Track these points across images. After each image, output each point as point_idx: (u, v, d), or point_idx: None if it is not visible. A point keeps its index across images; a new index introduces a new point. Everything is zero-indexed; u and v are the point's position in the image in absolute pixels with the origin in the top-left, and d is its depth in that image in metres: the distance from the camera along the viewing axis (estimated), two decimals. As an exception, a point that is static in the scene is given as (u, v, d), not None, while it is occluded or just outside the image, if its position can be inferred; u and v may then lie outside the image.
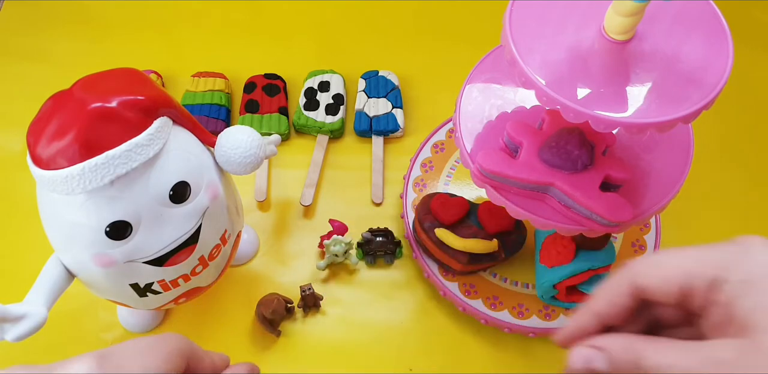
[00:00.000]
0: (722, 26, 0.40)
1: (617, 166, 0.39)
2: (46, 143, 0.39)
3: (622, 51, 0.40)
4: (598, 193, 0.37)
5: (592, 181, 0.38)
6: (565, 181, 0.37)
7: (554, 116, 0.39)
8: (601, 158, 0.39)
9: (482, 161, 0.38)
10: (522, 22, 0.40)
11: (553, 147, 0.38)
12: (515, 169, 0.38)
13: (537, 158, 0.38)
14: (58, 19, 0.77)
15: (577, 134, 0.38)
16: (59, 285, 0.44)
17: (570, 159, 0.37)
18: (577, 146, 0.38)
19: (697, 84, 0.38)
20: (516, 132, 0.41)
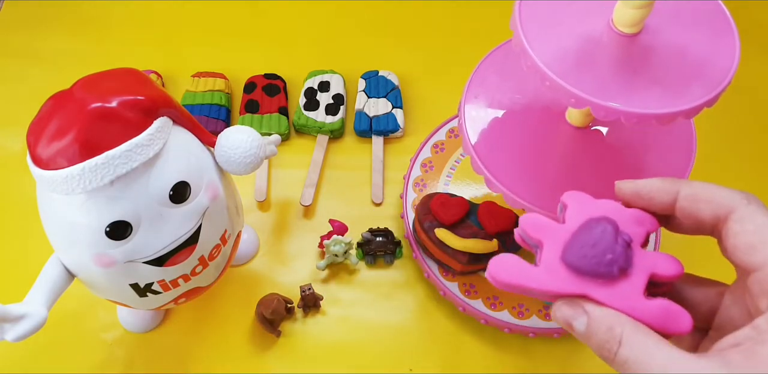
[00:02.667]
0: (730, 25, 0.41)
1: (663, 262, 0.30)
2: (46, 143, 0.39)
3: (630, 44, 0.40)
4: (644, 302, 0.29)
5: (633, 287, 0.29)
6: (600, 291, 0.29)
7: (576, 202, 0.32)
8: (642, 253, 0.30)
9: (494, 271, 0.30)
10: (532, 11, 0.40)
11: (580, 249, 0.30)
12: (535, 279, 0.30)
13: (561, 262, 0.30)
14: (58, 19, 0.77)
15: (609, 230, 0.30)
16: (59, 285, 0.44)
17: (603, 264, 0.29)
18: (610, 247, 0.30)
19: (702, 80, 0.38)
20: (533, 228, 0.32)
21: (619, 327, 0.27)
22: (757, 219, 0.27)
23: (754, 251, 0.26)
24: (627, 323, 0.27)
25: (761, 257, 0.26)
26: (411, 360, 0.57)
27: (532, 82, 0.39)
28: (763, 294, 0.26)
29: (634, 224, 0.31)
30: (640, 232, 0.31)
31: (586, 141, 0.49)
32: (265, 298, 0.56)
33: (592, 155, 0.48)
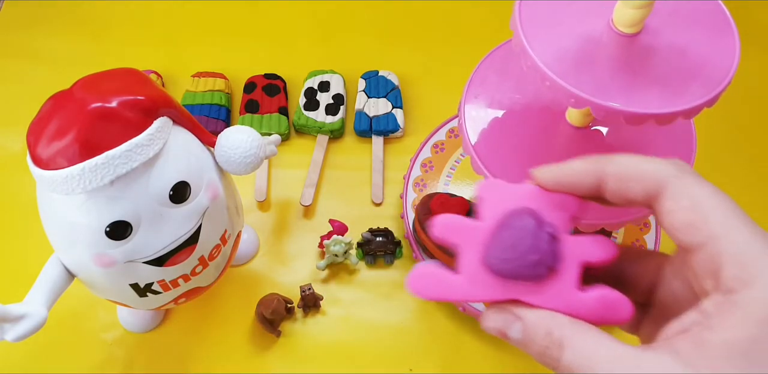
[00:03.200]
0: (730, 25, 0.41)
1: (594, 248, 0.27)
2: (46, 143, 0.39)
3: (630, 44, 0.40)
4: (580, 297, 0.26)
5: (566, 283, 0.27)
6: (531, 293, 0.26)
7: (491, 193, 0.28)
8: (569, 242, 0.27)
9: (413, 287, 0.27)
10: (532, 11, 0.40)
11: (502, 252, 0.27)
12: (458, 290, 0.27)
13: (483, 268, 0.27)
14: (58, 19, 0.77)
15: (530, 226, 0.26)
16: (59, 285, 0.44)
17: (528, 266, 0.26)
18: (533, 246, 0.26)
19: (702, 81, 0.38)
20: (446, 232, 0.28)
21: (557, 330, 0.25)
22: (693, 193, 0.24)
23: (694, 230, 0.24)
24: (566, 324, 0.25)
25: (702, 235, 0.23)
26: (411, 360, 0.57)
27: (532, 82, 0.39)
28: (707, 274, 0.23)
29: (557, 209, 0.27)
30: (565, 217, 0.27)
31: (586, 141, 0.49)
32: (265, 298, 0.56)
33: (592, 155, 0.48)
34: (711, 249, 0.23)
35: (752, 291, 0.22)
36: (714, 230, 0.23)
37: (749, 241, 0.23)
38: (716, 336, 0.22)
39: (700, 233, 0.23)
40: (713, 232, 0.23)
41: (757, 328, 0.21)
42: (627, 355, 0.23)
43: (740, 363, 0.21)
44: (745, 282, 0.22)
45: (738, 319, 0.22)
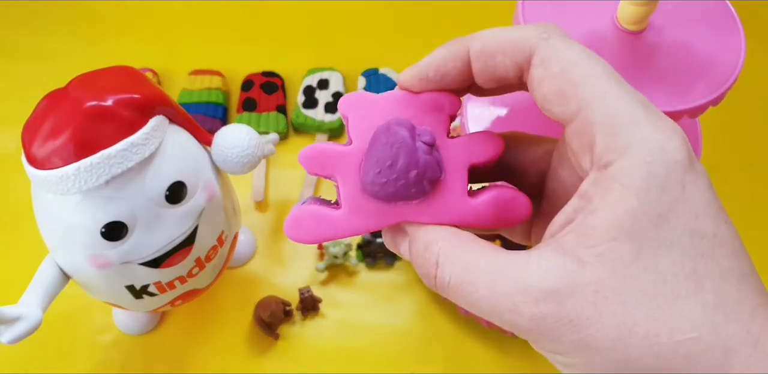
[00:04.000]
0: (735, 23, 0.40)
1: (478, 146, 0.24)
2: (41, 143, 0.38)
3: (634, 42, 0.40)
4: (471, 203, 0.24)
5: (454, 191, 0.24)
6: (419, 211, 0.24)
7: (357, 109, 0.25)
8: (451, 146, 0.24)
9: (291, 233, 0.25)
10: (535, 8, 0.40)
11: (378, 175, 0.24)
12: (341, 226, 0.24)
13: (363, 195, 0.24)
14: (53, 18, 0.77)
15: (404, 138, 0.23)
16: (54, 286, 0.44)
17: (409, 184, 0.23)
18: (411, 161, 0.23)
19: (707, 79, 0.38)
20: (315, 164, 0.25)
21: (435, 244, 0.22)
22: (563, 56, 0.21)
23: (565, 98, 0.21)
24: (443, 238, 0.23)
25: (575, 104, 0.21)
26: (412, 364, 0.56)
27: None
28: (584, 149, 0.21)
29: (432, 111, 0.25)
30: (442, 119, 0.25)
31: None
32: (263, 301, 0.55)
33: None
34: (584, 119, 0.20)
35: (627, 159, 0.20)
36: (585, 96, 0.20)
37: (624, 107, 0.20)
38: (598, 219, 0.20)
39: (572, 101, 0.21)
40: (584, 99, 0.20)
41: (637, 200, 0.19)
42: (509, 263, 0.21)
43: (627, 245, 0.19)
44: (619, 151, 0.20)
45: (616, 195, 0.20)
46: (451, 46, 0.24)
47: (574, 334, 0.20)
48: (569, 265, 0.20)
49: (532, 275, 0.20)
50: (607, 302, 0.19)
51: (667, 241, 0.19)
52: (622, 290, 0.19)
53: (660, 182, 0.19)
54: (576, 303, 0.20)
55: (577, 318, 0.20)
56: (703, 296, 0.19)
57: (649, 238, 0.19)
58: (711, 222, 0.20)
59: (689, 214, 0.20)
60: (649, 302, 0.19)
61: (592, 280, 0.20)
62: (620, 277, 0.19)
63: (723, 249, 0.20)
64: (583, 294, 0.20)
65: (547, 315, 0.20)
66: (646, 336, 0.19)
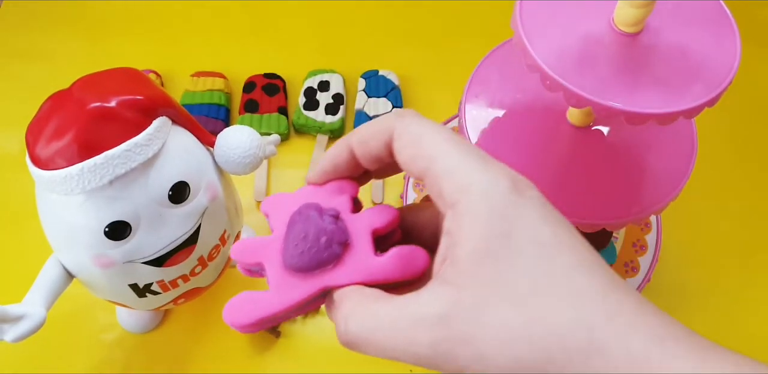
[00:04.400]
0: (731, 25, 0.40)
1: (377, 215, 0.29)
2: (45, 143, 0.39)
3: (631, 44, 0.40)
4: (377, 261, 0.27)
5: (361, 253, 0.28)
6: (336, 275, 0.27)
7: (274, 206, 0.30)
8: (355, 218, 0.29)
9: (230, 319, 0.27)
10: (532, 10, 0.40)
11: (295, 248, 0.28)
12: (272, 303, 0.27)
13: (286, 271, 0.28)
14: (57, 19, 0.77)
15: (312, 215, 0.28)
16: (58, 285, 0.44)
17: (322, 249, 0.27)
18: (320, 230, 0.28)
19: (703, 80, 0.38)
20: (245, 255, 0.29)
21: (342, 304, 0.26)
22: (412, 130, 0.27)
23: (418, 161, 0.26)
24: (349, 297, 0.26)
25: (424, 163, 0.26)
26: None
27: (533, 81, 0.39)
28: (438, 197, 0.25)
29: (336, 195, 0.30)
30: (345, 200, 0.30)
31: (587, 141, 0.48)
32: (264, 298, 0.55)
33: (592, 155, 0.48)
34: (432, 174, 0.25)
35: (469, 196, 0.24)
36: (431, 156, 0.25)
37: (460, 159, 0.25)
38: (461, 249, 0.24)
39: (422, 161, 0.26)
40: (430, 160, 0.25)
41: (484, 227, 0.23)
42: (404, 304, 0.24)
43: (488, 265, 0.23)
44: (462, 191, 0.24)
45: (468, 225, 0.24)
46: (339, 144, 0.30)
47: (468, 349, 0.23)
48: (450, 292, 0.23)
49: (423, 308, 0.24)
50: (486, 313, 0.23)
51: (517, 252, 0.23)
52: (494, 301, 0.23)
53: (498, 210, 0.24)
54: (462, 321, 0.23)
55: (466, 334, 0.23)
56: (558, 289, 0.23)
57: (502, 254, 0.23)
58: (548, 231, 0.24)
59: (527, 228, 0.24)
60: (518, 304, 0.23)
61: (470, 299, 0.23)
62: (490, 290, 0.23)
63: (564, 249, 0.24)
64: (465, 312, 0.23)
65: (441, 338, 0.23)
66: (528, 332, 0.22)
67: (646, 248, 0.61)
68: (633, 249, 0.61)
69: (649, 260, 0.60)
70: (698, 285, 0.61)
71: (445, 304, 0.23)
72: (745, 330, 0.59)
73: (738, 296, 0.61)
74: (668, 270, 0.61)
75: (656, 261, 0.60)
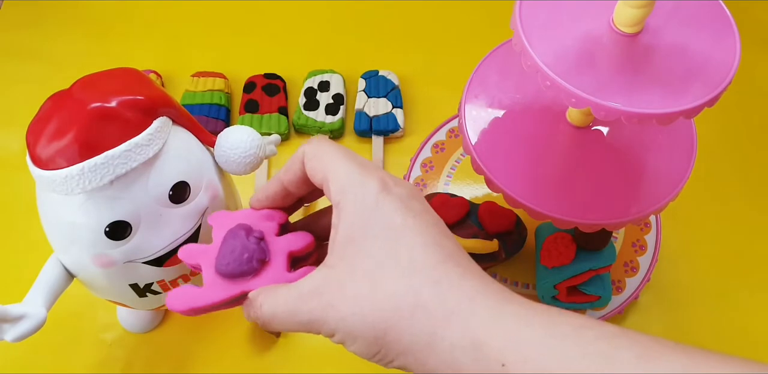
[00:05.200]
0: (730, 25, 0.41)
1: (295, 240, 0.37)
2: (45, 143, 0.39)
3: (630, 44, 0.40)
4: (289, 276, 0.35)
5: (277, 268, 0.36)
6: (254, 283, 0.35)
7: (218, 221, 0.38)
8: (277, 241, 0.37)
9: (170, 304, 0.35)
10: (532, 11, 0.40)
11: (224, 258, 0.36)
12: (202, 296, 0.35)
13: (216, 275, 0.36)
14: (57, 19, 0.77)
15: (241, 234, 0.36)
16: (58, 285, 0.44)
17: (244, 262, 0.35)
18: (245, 247, 0.35)
19: (703, 80, 0.38)
20: (188, 256, 0.37)
21: (258, 295, 0.34)
22: (316, 149, 0.34)
23: (318, 172, 0.34)
24: (262, 291, 0.34)
25: (321, 173, 0.34)
26: (411, 361, 0.57)
27: (533, 81, 0.39)
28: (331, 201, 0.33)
29: (265, 220, 0.37)
30: (273, 225, 0.37)
31: (587, 141, 0.49)
32: (264, 298, 0.56)
33: (592, 155, 0.48)
34: (327, 183, 0.33)
35: (346, 196, 0.32)
36: (325, 167, 0.33)
37: (344, 168, 0.33)
38: (337, 235, 0.32)
39: (320, 172, 0.34)
40: (325, 169, 0.33)
41: (352, 218, 0.31)
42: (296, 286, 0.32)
43: (350, 248, 0.31)
44: (341, 192, 0.32)
45: (342, 219, 0.32)
46: (272, 179, 0.38)
47: (333, 313, 0.30)
48: (324, 271, 0.32)
49: (304, 286, 0.32)
50: (345, 285, 0.30)
51: (372, 236, 0.31)
52: (353, 273, 0.30)
53: (363, 205, 0.31)
54: (329, 293, 0.30)
55: (332, 301, 0.30)
56: (399, 262, 0.30)
57: (360, 239, 0.31)
58: (399, 218, 0.31)
59: (383, 217, 0.31)
60: (367, 277, 0.30)
61: (335, 275, 0.31)
62: (351, 266, 0.31)
63: (409, 233, 0.31)
64: (331, 285, 0.31)
65: (314, 306, 0.31)
66: (373, 298, 0.29)
67: (645, 248, 0.61)
68: (633, 249, 0.61)
69: (649, 260, 0.60)
70: (698, 284, 0.61)
71: (319, 281, 0.31)
72: (745, 329, 0.59)
73: (737, 296, 0.61)
74: (668, 270, 0.61)
75: (656, 261, 0.60)
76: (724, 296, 0.61)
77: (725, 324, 0.59)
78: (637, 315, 0.59)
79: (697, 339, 0.58)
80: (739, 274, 0.62)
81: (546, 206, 0.45)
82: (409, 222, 0.31)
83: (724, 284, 0.61)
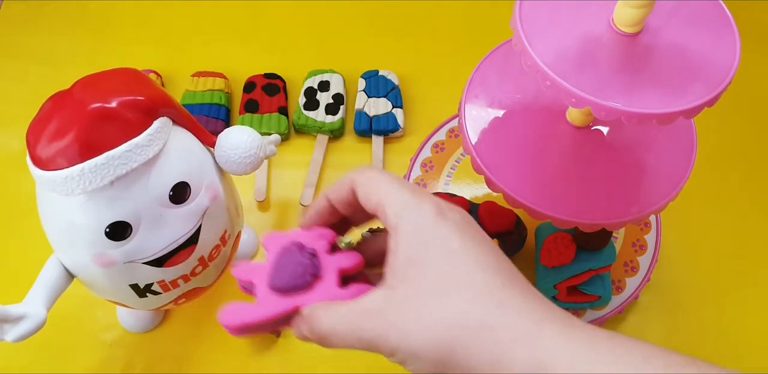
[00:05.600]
0: (730, 25, 0.41)
1: (346, 259, 0.38)
2: (45, 144, 0.39)
3: (630, 44, 0.40)
4: (340, 291, 0.35)
5: (329, 284, 0.36)
6: (307, 298, 0.35)
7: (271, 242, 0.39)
8: (329, 258, 0.37)
9: (224, 321, 0.35)
10: (532, 11, 0.40)
11: (279, 273, 0.37)
12: (256, 312, 0.36)
13: (270, 291, 0.36)
14: (58, 19, 0.77)
15: (295, 251, 0.37)
16: (59, 285, 0.44)
17: (297, 276, 0.36)
18: (299, 263, 0.36)
19: (703, 80, 0.38)
20: (242, 274, 0.38)
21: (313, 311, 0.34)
22: (367, 176, 0.36)
23: (371, 197, 0.35)
24: (318, 306, 0.34)
25: (374, 198, 0.34)
26: (411, 361, 0.57)
27: (533, 81, 0.39)
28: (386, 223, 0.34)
29: (317, 239, 0.38)
30: (323, 244, 0.38)
31: (587, 141, 0.49)
32: (265, 298, 0.55)
33: (592, 155, 0.48)
34: (381, 206, 0.34)
35: (403, 220, 0.33)
36: (380, 195, 0.34)
37: (398, 193, 0.34)
38: (396, 258, 0.32)
39: (374, 197, 0.34)
40: (379, 195, 0.34)
41: (411, 240, 0.32)
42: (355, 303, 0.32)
43: (411, 269, 0.32)
44: (398, 217, 0.33)
45: (401, 241, 0.32)
46: (319, 196, 0.39)
47: (396, 331, 0.30)
48: (387, 291, 0.32)
49: (367, 304, 0.32)
50: (409, 305, 0.31)
51: (433, 258, 0.31)
52: (417, 294, 0.31)
53: (421, 228, 0.32)
54: (392, 312, 0.31)
55: (395, 320, 0.31)
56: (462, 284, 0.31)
57: (421, 261, 0.32)
58: (456, 241, 0.32)
59: (441, 240, 0.32)
60: (434, 297, 0.30)
61: (398, 296, 0.31)
62: (413, 287, 0.31)
63: (467, 255, 0.31)
64: (395, 305, 0.31)
65: (378, 324, 0.31)
66: (439, 317, 0.30)
67: (645, 247, 0.61)
68: (633, 249, 0.61)
69: (649, 260, 0.60)
70: (697, 284, 0.61)
71: (381, 301, 0.32)
72: (745, 329, 0.59)
73: (737, 296, 0.61)
74: (668, 270, 0.61)
75: (656, 261, 0.60)
76: (724, 295, 0.61)
77: (725, 323, 0.59)
78: (637, 314, 0.59)
79: (696, 339, 0.58)
80: (738, 274, 0.62)
81: (546, 206, 0.45)
82: (467, 245, 0.32)
83: (723, 283, 0.61)
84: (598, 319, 0.57)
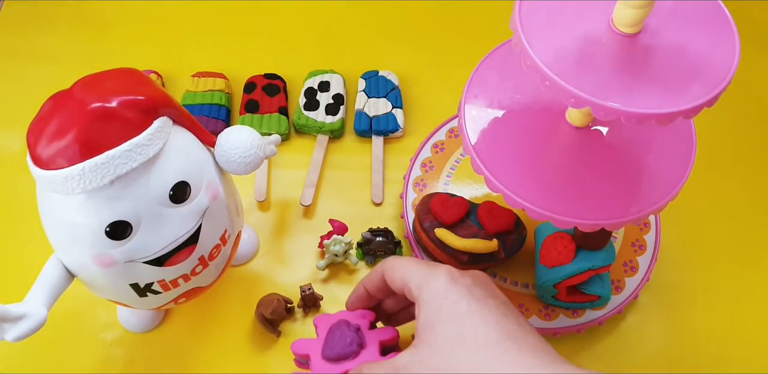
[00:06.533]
0: (730, 25, 0.41)
1: (385, 333, 0.47)
2: (46, 143, 0.39)
3: (630, 44, 0.40)
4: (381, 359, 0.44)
5: (371, 353, 0.45)
6: (353, 364, 0.44)
7: (322, 322, 0.49)
8: (370, 333, 0.47)
9: None
10: (532, 11, 0.40)
11: (330, 345, 0.46)
12: None
13: (323, 360, 0.46)
14: (58, 19, 0.77)
15: (343, 326, 0.47)
16: (59, 285, 0.44)
17: (346, 346, 0.45)
18: (347, 335, 0.46)
19: (702, 80, 0.38)
20: (299, 349, 0.48)
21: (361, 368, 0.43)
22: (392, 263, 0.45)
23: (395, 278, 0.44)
24: (362, 365, 0.44)
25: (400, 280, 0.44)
26: (411, 360, 0.57)
27: (532, 82, 0.39)
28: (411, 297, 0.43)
29: (360, 318, 0.48)
30: (365, 322, 0.48)
31: (586, 141, 0.49)
32: (265, 298, 0.56)
33: (592, 155, 0.48)
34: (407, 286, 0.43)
35: (422, 291, 0.42)
36: (403, 275, 0.43)
37: (417, 271, 0.43)
38: (419, 322, 0.41)
39: (399, 279, 0.44)
40: (403, 276, 0.43)
41: (429, 308, 0.41)
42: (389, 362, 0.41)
43: (428, 331, 0.40)
44: (419, 289, 0.42)
45: (422, 308, 0.41)
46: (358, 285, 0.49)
47: None
48: (411, 350, 0.40)
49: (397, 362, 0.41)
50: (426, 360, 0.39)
51: (444, 320, 0.40)
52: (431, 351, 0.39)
53: (435, 295, 0.41)
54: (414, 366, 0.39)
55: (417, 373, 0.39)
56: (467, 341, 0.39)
57: (436, 323, 0.40)
58: (464, 304, 0.40)
59: (452, 304, 0.40)
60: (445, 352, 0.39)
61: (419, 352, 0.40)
62: (429, 346, 0.40)
63: (474, 316, 0.39)
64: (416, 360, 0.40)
65: None
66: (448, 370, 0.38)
67: (645, 247, 0.61)
68: (632, 249, 0.61)
69: (648, 260, 0.60)
70: (697, 284, 0.61)
71: (407, 358, 0.40)
72: (744, 329, 0.59)
73: (737, 295, 0.61)
74: (667, 270, 0.61)
75: (655, 261, 0.60)
76: (723, 295, 0.61)
77: (724, 323, 0.59)
78: (636, 314, 0.60)
79: (695, 339, 0.58)
80: (738, 274, 0.62)
81: (546, 206, 0.45)
82: (473, 307, 0.40)
83: (723, 283, 0.61)
84: (598, 319, 0.57)
